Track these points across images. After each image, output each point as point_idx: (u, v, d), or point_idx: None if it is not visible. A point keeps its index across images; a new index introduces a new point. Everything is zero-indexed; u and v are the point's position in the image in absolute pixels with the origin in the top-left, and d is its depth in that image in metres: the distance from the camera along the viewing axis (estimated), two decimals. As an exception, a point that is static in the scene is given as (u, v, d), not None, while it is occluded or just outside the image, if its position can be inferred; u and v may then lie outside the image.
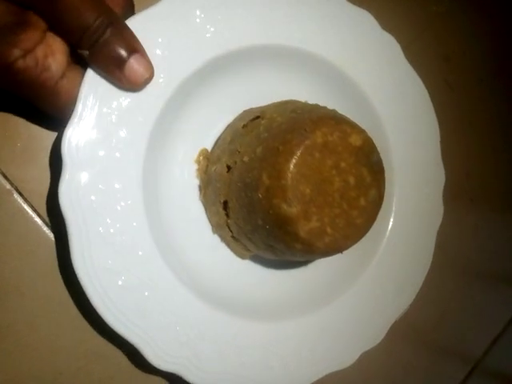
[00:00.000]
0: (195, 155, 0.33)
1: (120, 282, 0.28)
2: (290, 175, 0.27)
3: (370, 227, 0.30)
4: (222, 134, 0.34)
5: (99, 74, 0.27)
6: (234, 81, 0.33)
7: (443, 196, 0.37)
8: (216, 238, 0.34)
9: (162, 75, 0.29)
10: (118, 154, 0.28)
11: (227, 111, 0.34)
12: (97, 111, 0.27)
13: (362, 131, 0.29)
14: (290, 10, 0.32)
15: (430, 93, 0.37)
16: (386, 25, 0.36)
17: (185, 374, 0.29)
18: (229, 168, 0.31)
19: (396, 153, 0.36)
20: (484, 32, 0.47)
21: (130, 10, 0.28)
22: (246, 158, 0.29)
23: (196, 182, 0.33)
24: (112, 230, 0.28)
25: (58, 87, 0.26)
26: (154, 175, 0.31)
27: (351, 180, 0.29)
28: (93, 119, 0.27)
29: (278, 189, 0.27)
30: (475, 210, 0.45)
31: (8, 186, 0.30)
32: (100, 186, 0.27)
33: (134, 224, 0.28)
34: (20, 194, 0.31)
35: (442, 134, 0.37)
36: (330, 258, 0.32)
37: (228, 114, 0.34)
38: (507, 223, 0.47)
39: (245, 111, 0.34)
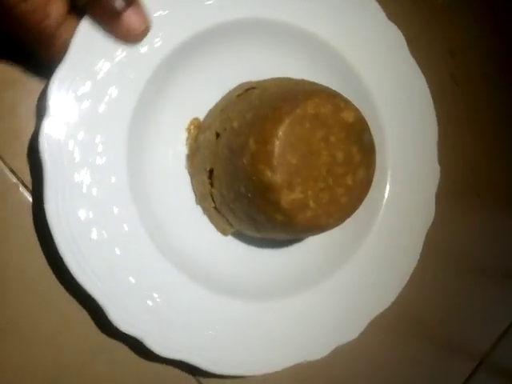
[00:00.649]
0: (186, 124, 0.33)
1: (92, 236, 0.27)
2: (276, 142, 0.26)
3: (355, 209, 0.29)
4: (215, 105, 0.33)
5: (95, 24, 0.26)
6: (233, 53, 0.33)
7: (447, 192, 0.37)
8: (199, 210, 0.33)
9: (158, 37, 0.29)
10: (103, 108, 0.27)
11: (223, 83, 0.33)
12: (87, 65, 0.27)
13: (355, 109, 0.28)
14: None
15: (435, 88, 0.36)
16: (391, 19, 0.36)
17: (147, 340, 0.28)
18: (218, 135, 0.30)
19: (391, 139, 0.36)
20: (489, 26, 0.46)
21: None
22: (235, 124, 0.28)
23: (185, 150, 0.33)
24: (89, 182, 0.27)
25: (56, 35, 0.25)
26: (140, 136, 0.30)
27: (339, 156, 0.28)
28: (82, 73, 0.26)
29: (264, 155, 0.26)
30: (480, 206, 0.44)
31: (14, 180, 0.30)
32: (81, 137, 0.27)
33: (113, 180, 0.28)
34: (26, 187, 0.30)
35: (447, 129, 0.37)
36: (316, 241, 0.31)
37: (224, 86, 0.33)
38: (513, 220, 0.47)
39: (241, 84, 0.33)
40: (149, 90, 0.29)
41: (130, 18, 0.26)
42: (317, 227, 0.28)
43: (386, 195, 0.36)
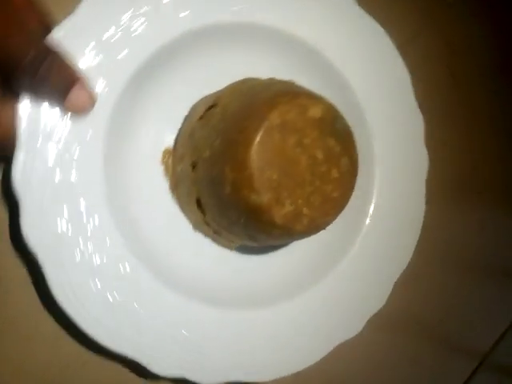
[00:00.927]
0: (159, 155, 0.32)
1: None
2: (252, 164, 0.25)
3: (349, 198, 0.29)
4: (181, 128, 0.32)
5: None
6: (185, 68, 0.31)
7: (447, 191, 0.36)
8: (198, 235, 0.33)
9: (103, 81, 0.28)
10: (74, 174, 0.27)
11: (184, 101, 0.32)
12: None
13: (319, 101, 0.27)
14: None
15: (434, 85, 0.36)
16: (390, 16, 0.35)
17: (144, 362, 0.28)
18: (193, 165, 0.29)
19: (375, 130, 0.35)
20: (488, 23, 0.45)
21: (48, 26, 0.26)
22: (206, 153, 0.28)
23: (165, 182, 0.32)
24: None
25: None
26: (119, 181, 0.29)
27: (319, 154, 0.27)
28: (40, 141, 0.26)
29: (244, 180, 0.26)
30: (480, 205, 0.43)
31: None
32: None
33: (97, 220, 0.27)
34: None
35: (446, 127, 0.37)
36: (308, 243, 0.32)
37: (186, 102, 0.32)
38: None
39: (200, 100, 0.32)
40: (111, 140, 0.28)
41: (75, 97, 0.25)
42: (316, 229, 0.28)
43: (375, 195, 0.35)
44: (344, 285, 0.34)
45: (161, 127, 0.32)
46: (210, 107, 0.30)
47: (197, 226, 0.32)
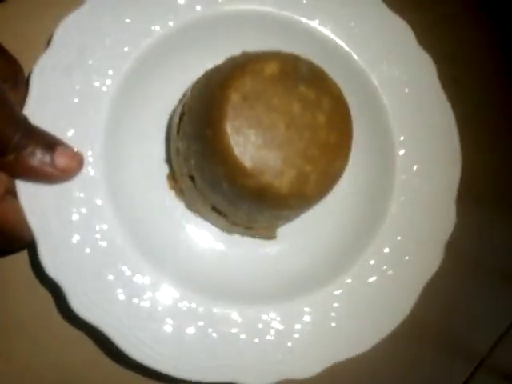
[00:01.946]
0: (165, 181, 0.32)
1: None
2: (234, 152, 0.24)
3: (351, 135, 0.27)
4: (167, 148, 0.32)
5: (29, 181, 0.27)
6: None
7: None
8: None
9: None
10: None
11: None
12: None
13: (272, 56, 0.26)
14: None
15: None
16: None
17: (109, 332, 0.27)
18: (192, 178, 0.29)
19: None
20: (490, 33, 0.47)
21: (19, 69, 0.27)
22: (192, 161, 0.27)
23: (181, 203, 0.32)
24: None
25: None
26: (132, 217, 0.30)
27: (295, 107, 0.25)
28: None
29: (233, 170, 0.25)
30: (481, 208, 0.44)
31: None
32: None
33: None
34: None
35: None
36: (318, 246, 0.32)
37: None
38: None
39: (172, 111, 0.32)
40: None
41: (60, 160, 0.26)
42: (332, 179, 0.26)
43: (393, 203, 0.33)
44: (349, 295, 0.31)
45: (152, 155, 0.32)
46: (181, 117, 0.29)
47: (229, 230, 0.32)
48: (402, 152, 0.33)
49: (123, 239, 0.28)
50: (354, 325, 0.30)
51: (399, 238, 0.32)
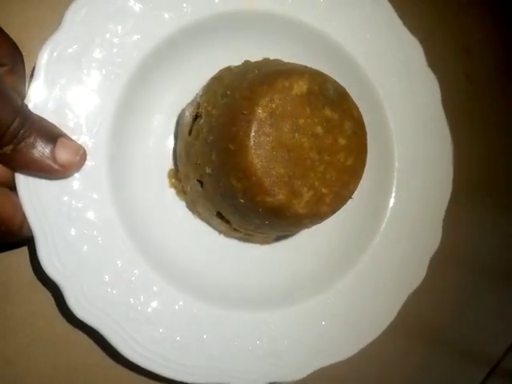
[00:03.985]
0: (165, 179, 0.32)
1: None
2: (256, 169, 0.24)
3: (366, 158, 0.27)
4: (175, 145, 0.31)
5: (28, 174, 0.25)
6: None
7: (459, 193, 0.35)
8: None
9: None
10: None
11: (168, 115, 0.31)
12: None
13: (300, 74, 0.25)
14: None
15: (449, 86, 0.36)
16: (406, 17, 0.34)
17: (109, 335, 0.27)
18: (201, 183, 0.28)
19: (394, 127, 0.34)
20: (504, 24, 0.44)
21: (18, 54, 0.25)
22: (208, 170, 0.27)
23: (182, 203, 0.32)
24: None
25: None
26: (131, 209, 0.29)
27: (318, 130, 0.25)
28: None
29: (254, 187, 0.25)
30: (493, 207, 0.42)
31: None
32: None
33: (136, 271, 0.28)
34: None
35: (460, 128, 0.36)
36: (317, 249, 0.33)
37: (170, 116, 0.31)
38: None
39: (183, 110, 0.31)
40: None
41: (61, 153, 0.25)
42: (341, 203, 0.27)
43: (394, 189, 0.34)
44: (350, 295, 0.33)
45: (156, 151, 0.31)
46: (195, 118, 0.28)
47: (228, 234, 0.32)
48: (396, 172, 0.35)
49: (122, 239, 0.28)
50: (340, 331, 0.32)
51: (388, 252, 0.34)
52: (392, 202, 0.35)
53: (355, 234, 0.34)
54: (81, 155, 0.26)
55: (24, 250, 0.30)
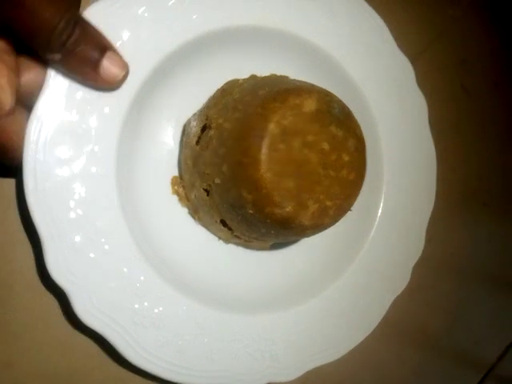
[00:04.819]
0: (168, 186, 0.32)
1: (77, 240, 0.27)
2: (267, 183, 0.25)
3: (365, 173, 0.29)
4: (180, 154, 0.32)
5: (70, 78, 0.25)
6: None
7: (454, 201, 0.37)
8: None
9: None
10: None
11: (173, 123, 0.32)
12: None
13: (309, 93, 0.27)
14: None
15: (444, 97, 0.37)
16: (402, 29, 0.35)
17: (114, 339, 0.27)
18: (207, 191, 0.29)
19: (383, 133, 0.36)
20: (499, 36, 0.45)
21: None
22: (217, 180, 0.28)
23: (183, 209, 0.33)
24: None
25: (1, 125, 0.24)
26: (135, 213, 0.30)
27: (325, 146, 0.27)
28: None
29: (263, 199, 0.26)
30: (487, 215, 0.43)
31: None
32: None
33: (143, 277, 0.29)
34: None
35: (455, 137, 0.37)
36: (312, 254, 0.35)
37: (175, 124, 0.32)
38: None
39: (188, 120, 0.31)
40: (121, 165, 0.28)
41: (108, 65, 0.25)
42: (342, 215, 0.29)
43: (383, 197, 0.36)
44: (342, 298, 0.35)
45: (160, 159, 0.32)
46: (203, 128, 0.29)
47: (227, 240, 0.33)
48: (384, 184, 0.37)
49: (129, 246, 0.28)
50: (332, 333, 0.34)
51: (376, 258, 0.36)
52: (380, 212, 0.37)
53: (347, 240, 0.36)
54: (126, 72, 0.26)
55: (27, 255, 0.30)
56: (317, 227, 0.28)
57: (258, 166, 0.25)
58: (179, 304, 0.30)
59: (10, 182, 0.30)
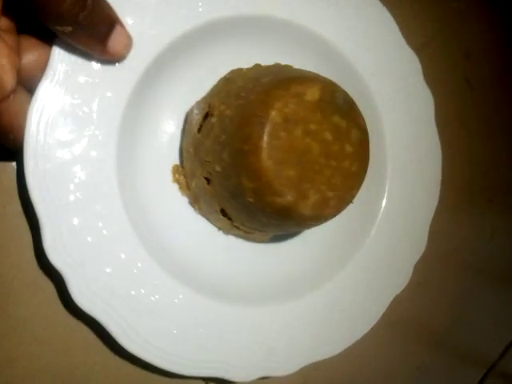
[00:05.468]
0: (169, 174, 0.32)
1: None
2: (268, 171, 0.25)
3: (367, 165, 0.29)
4: (182, 142, 0.32)
5: (77, 48, 0.25)
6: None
7: (459, 196, 0.36)
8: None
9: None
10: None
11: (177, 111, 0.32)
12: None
13: (313, 82, 0.26)
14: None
15: (448, 90, 0.37)
16: (405, 22, 0.35)
17: (109, 325, 0.27)
18: (207, 180, 0.29)
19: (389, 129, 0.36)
20: (503, 29, 0.45)
21: None
22: (217, 168, 0.27)
23: (183, 198, 0.32)
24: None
25: (2, 106, 0.23)
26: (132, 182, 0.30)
27: (327, 136, 0.27)
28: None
29: (264, 187, 0.26)
30: (491, 211, 0.43)
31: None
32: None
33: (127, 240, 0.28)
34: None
35: (460, 132, 0.37)
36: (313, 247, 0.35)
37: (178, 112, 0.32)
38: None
39: (191, 108, 0.31)
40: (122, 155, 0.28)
41: (117, 38, 0.25)
42: (344, 206, 0.28)
43: (387, 189, 0.36)
44: (343, 291, 0.34)
45: (161, 146, 0.32)
46: (205, 116, 0.29)
47: (227, 231, 0.33)
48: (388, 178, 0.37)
49: (127, 232, 0.28)
50: (331, 329, 0.33)
51: (376, 254, 0.36)
52: (383, 207, 0.36)
53: (349, 234, 0.36)
54: (129, 49, 0.27)
55: (27, 250, 0.29)
56: (317, 218, 0.27)
57: (258, 154, 0.25)
58: (176, 293, 0.29)
59: (11, 177, 0.30)
